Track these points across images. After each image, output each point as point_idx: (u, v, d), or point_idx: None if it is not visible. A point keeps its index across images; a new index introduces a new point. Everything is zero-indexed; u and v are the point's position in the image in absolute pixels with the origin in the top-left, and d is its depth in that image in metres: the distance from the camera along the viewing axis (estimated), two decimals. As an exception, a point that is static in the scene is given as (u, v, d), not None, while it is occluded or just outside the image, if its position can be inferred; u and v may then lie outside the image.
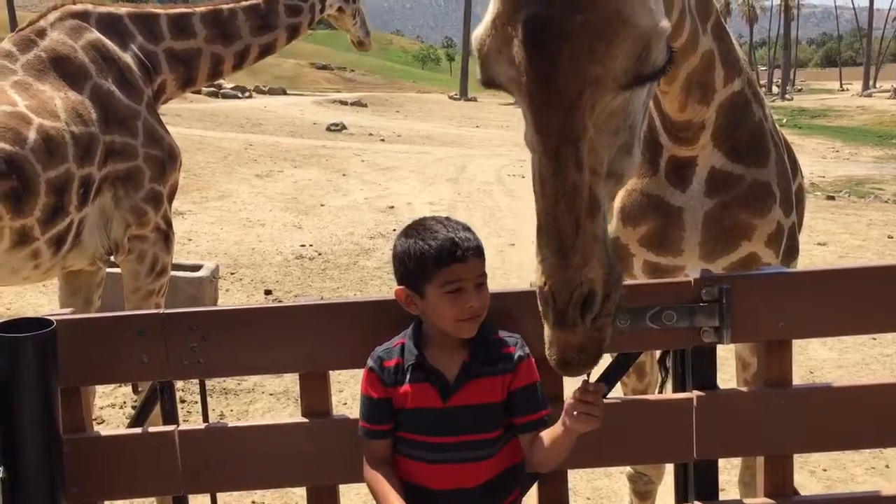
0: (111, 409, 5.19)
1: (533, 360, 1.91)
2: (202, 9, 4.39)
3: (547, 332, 1.58)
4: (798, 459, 4.29)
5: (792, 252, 2.77)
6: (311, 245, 9.73)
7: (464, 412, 1.86)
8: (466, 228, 1.90)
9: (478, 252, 1.86)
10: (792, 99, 63.72)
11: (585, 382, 1.75)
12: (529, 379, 1.90)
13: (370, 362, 1.93)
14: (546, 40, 1.44)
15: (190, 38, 4.27)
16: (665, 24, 1.53)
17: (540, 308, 1.58)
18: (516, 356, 1.89)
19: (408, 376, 1.88)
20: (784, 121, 36.56)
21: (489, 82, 1.58)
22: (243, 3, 4.48)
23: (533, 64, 1.46)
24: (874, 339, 6.54)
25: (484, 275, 1.88)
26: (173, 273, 6.26)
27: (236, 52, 4.44)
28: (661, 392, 3.68)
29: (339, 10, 5.08)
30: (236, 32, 4.41)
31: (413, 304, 1.90)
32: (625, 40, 1.46)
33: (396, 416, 1.90)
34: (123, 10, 4.17)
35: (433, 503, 1.88)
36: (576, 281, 1.51)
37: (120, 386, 5.44)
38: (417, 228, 1.89)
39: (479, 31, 1.56)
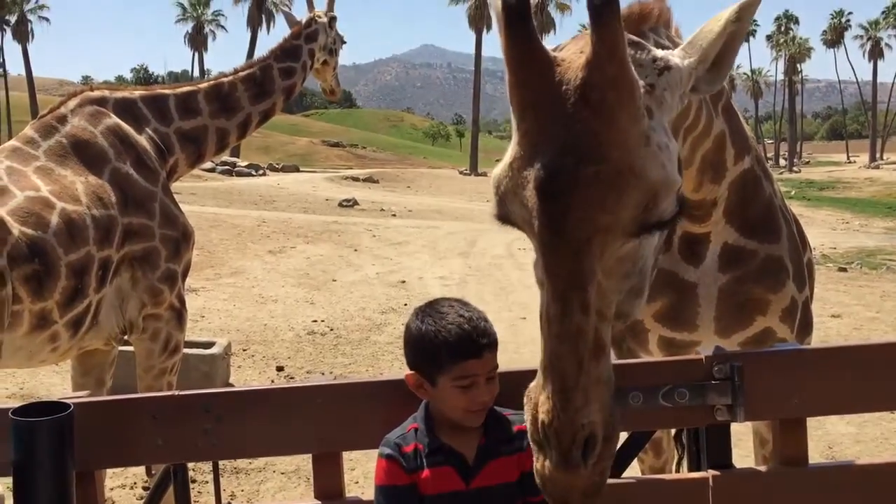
0: (121, 489, 5.14)
1: None
2: (205, 85, 4.56)
3: (542, 470, 1.58)
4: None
5: (806, 327, 2.76)
6: (323, 321, 9.74)
7: (486, 493, 1.84)
8: (483, 318, 1.87)
9: (493, 346, 1.85)
10: (800, 171, 64.24)
11: None
12: None
13: (387, 451, 1.88)
14: (558, 189, 1.49)
15: (196, 116, 4.43)
16: (676, 178, 1.58)
17: (536, 439, 1.58)
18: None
19: (425, 461, 1.85)
20: (792, 193, 36.78)
21: (504, 219, 1.62)
22: (240, 74, 4.67)
23: (544, 210, 1.51)
24: (893, 413, 6.44)
25: (496, 367, 1.87)
26: (186, 350, 6.28)
27: (238, 123, 4.62)
28: (678, 468, 3.63)
29: (324, 62, 5.30)
30: (237, 104, 4.59)
31: (423, 390, 1.89)
32: (635, 191, 1.50)
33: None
34: (137, 93, 4.32)
35: None
36: (577, 423, 1.52)
37: (130, 466, 5.40)
38: (433, 314, 1.87)
39: (497, 171, 1.61)
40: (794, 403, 2.01)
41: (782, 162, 76.99)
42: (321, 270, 13.09)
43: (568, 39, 1.69)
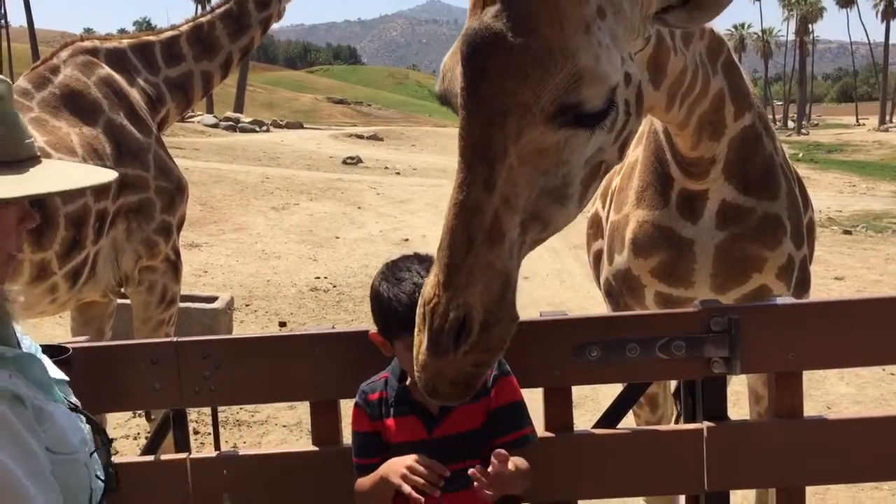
0: (125, 440, 5.20)
1: (514, 378, 1.90)
2: (185, 28, 4.52)
3: (418, 355, 1.54)
4: (815, 496, 4.23)
5: (804, 284, 2.76)
6: (325, 277, 9.77)
7: (450, 441, 1.85)
8: None
9: None
10: (808, 133, 63.61)
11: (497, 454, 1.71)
12: (510, 398, 1.88)
13: (357, 398, 1.94)
14: (481, 50, 1.47)
15: (181, 61, 4.40)
16: (610, 74, 1.52)
17: (419, 320, 1.53)
18: (492, 376, 1.87)
19: (392, 410, 1.89)
20: (800, 155, 36.46)
21: (442, 97, 1.64)
22: (217, 12, 4.60)
23: (465, 71, 1.49)
24: (893, 374, 6.46)
25: None
26: (189, 304, 6.32)
27: (220, 63, 4.57)
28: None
29: None
30: (217, 44, 4.53)
31: (387, 347, 1.91)
32: (561, 74, 1.46)
33: (386, 450, 1.89)
34: (125, 42, 4.30)
35: None
36: (453, 302, 1.46)
37: (134, 416, 5.46)
38: (391, 278, 1.86)
39: (447, 54, 1.63)
40: (790, 357, 2.02)
41: (790, 124, 76.28)
42: (324, 227, 13.09)
43: None
